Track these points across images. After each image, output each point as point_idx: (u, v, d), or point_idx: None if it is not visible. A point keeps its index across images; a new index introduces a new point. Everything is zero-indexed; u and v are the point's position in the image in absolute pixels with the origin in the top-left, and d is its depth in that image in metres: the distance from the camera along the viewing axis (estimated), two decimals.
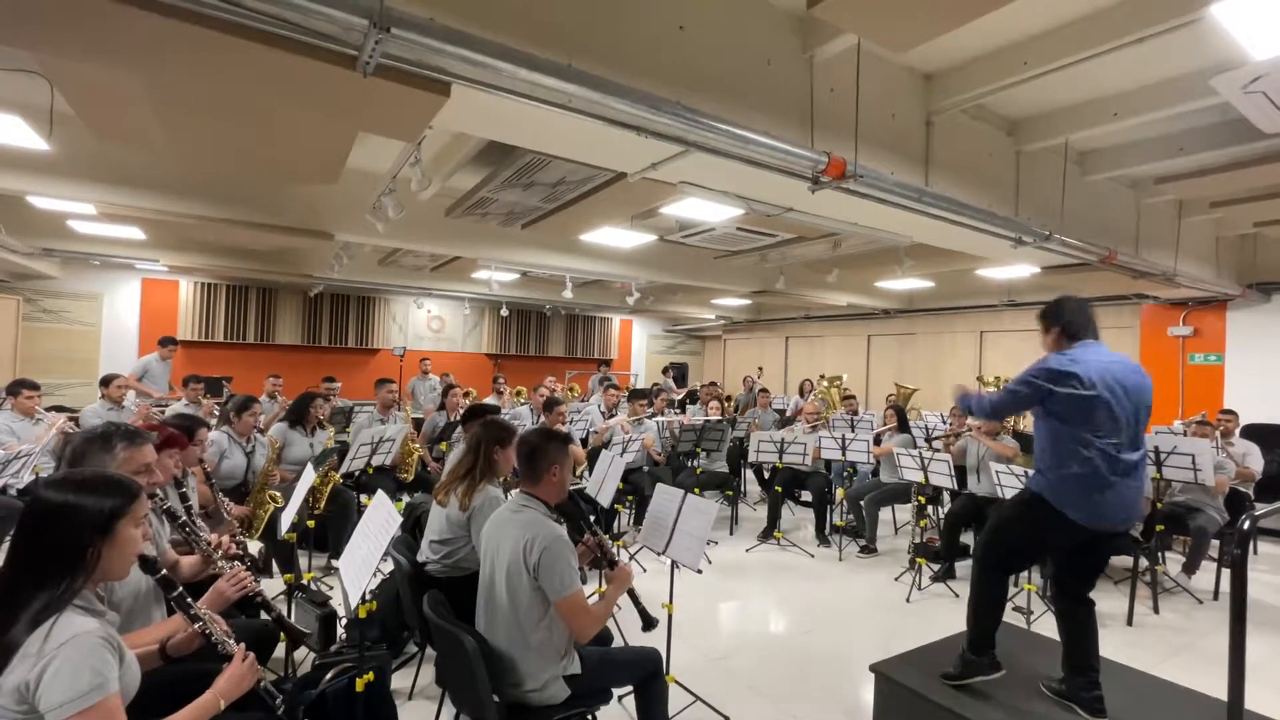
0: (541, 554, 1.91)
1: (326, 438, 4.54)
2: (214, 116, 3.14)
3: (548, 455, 2.12)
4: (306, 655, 3.08)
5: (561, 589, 1.91)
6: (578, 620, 1.95)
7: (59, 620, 1.19)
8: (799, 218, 4.19)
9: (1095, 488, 2.20)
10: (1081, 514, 2.22)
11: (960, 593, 4.32)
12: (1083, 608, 2.39)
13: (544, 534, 1.95)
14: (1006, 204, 4.17)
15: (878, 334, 11.05)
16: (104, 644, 1.22)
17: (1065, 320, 2.38)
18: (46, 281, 8.44)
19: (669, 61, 2.70)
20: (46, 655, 1.15)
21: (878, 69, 3.41)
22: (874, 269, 7.28)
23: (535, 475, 2.12)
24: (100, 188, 4.63)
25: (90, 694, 1.17)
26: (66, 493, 1.28)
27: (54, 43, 2.09)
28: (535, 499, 2.10)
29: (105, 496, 1.30)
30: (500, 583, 2.00)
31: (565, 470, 2.16)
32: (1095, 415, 2.19)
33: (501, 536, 2.05)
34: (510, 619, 1.96)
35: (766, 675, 3.20)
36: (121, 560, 1.34)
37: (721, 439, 5.91)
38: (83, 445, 1.86)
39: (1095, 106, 3.84)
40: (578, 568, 2.00)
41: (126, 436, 1.91)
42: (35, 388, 4.38)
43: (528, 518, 2.03)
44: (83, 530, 1.26)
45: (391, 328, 11.19)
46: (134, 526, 1.35)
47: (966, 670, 2.43)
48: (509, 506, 2.14)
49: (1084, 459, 2.20)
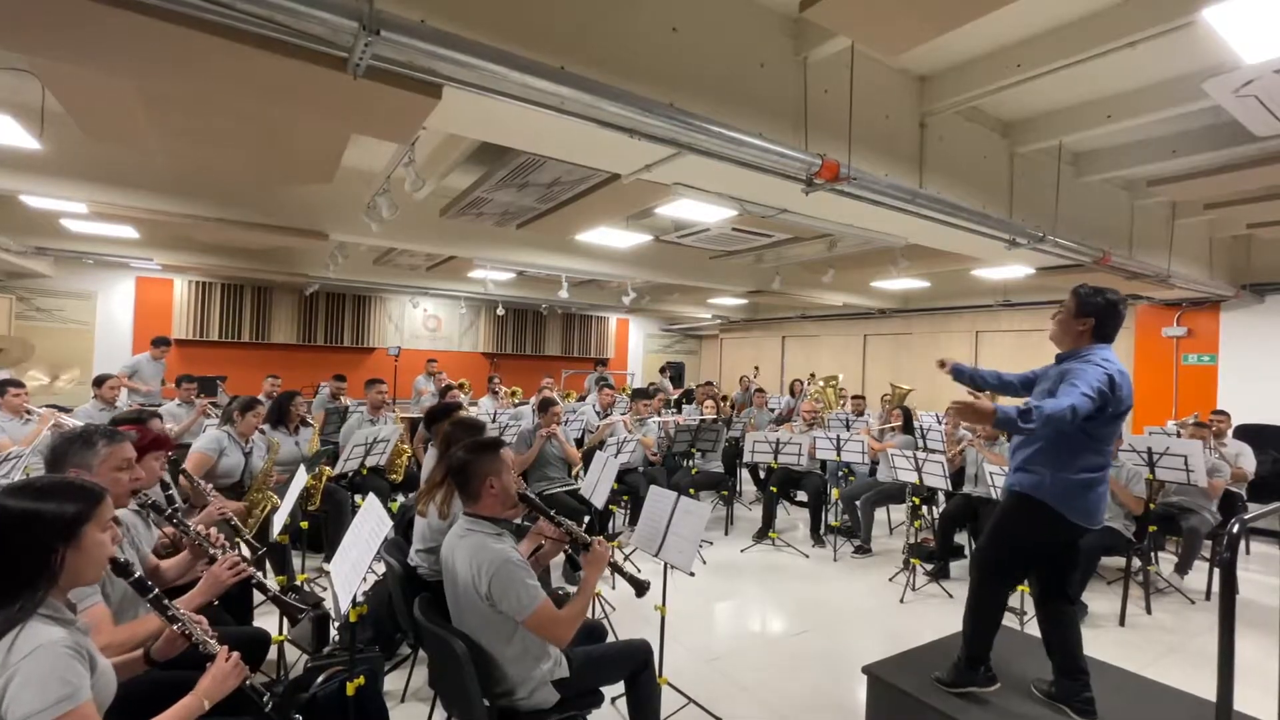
0: (491, 581, 1.86)
1: (311, 435, 4.52)
2: (206, 117, 3.13)
3: (478, 469, 2.03)
4: (299, 657, 3.09)
5: (523, 609, 1.86)
6: (551, 631, 1.92)
7: (24, 631, 1.16)
8: (794, 219, 4.19)
9: (1097, 489, 2.22)
10: (1083, 516, 2.22)
11: (954, 593, 4.33)
12: (1071, 607, 2.40)
13: (489, 560, 1.88)
14: (1001, 205, 4.18)
15: (874, 334, 11.07)
16: (71, 653, 1.20)
17: (1108, 319, 2.26)
18: (40, 280, 8.41)
19: (662, 64, 2.70)
20: (11, 667, 1.13)
21: (871, 71, 3.41)
22: (869, 269, 7.29)
23: (472, 493, 2.04)
24: (92, 186, 4.61)
25: (60, 704, 1.15)
26: (25, 500, 1.25)
27: (44, 46, 2.08)
28: (479, 519, 2.03)
29: (67, 502, 1.28)
30: (464, 605, 1.97)
31: (504, 478, 2.06)
32: (1119, 424, 2.21)
33: (455, 561, 1.99)
34: (484, 638, 1.93)
35: (760, 676, 3.21)
36: (90, 565, 1.31)
37: (717, 439, 5.92)
38: (63, 445, 1.86)
39: (1089, 109, 3.85)
40: (534, 581, 1.93)
41: (106, 435, 1.90)
42: (21, 386, 4.35)
43: (472, 544, 1.95)
44: (45, 538, 1.24)
45: (388, 327, 11.17)
46: (100, 531, 1.32)
47: (960, 679, 2.40)
48: (456, 530, 2.05)
49: (1097, 465, 2.21)
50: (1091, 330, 2.27)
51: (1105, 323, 2.26)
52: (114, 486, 1.86)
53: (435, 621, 1.96)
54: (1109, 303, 2.27)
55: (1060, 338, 2.36)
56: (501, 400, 8.01)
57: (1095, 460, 2.20)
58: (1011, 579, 2.48)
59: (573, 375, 11.71)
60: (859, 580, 4.73)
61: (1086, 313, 2.27)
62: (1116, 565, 4.46)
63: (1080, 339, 2.29)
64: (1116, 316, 2.28)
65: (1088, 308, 2.27)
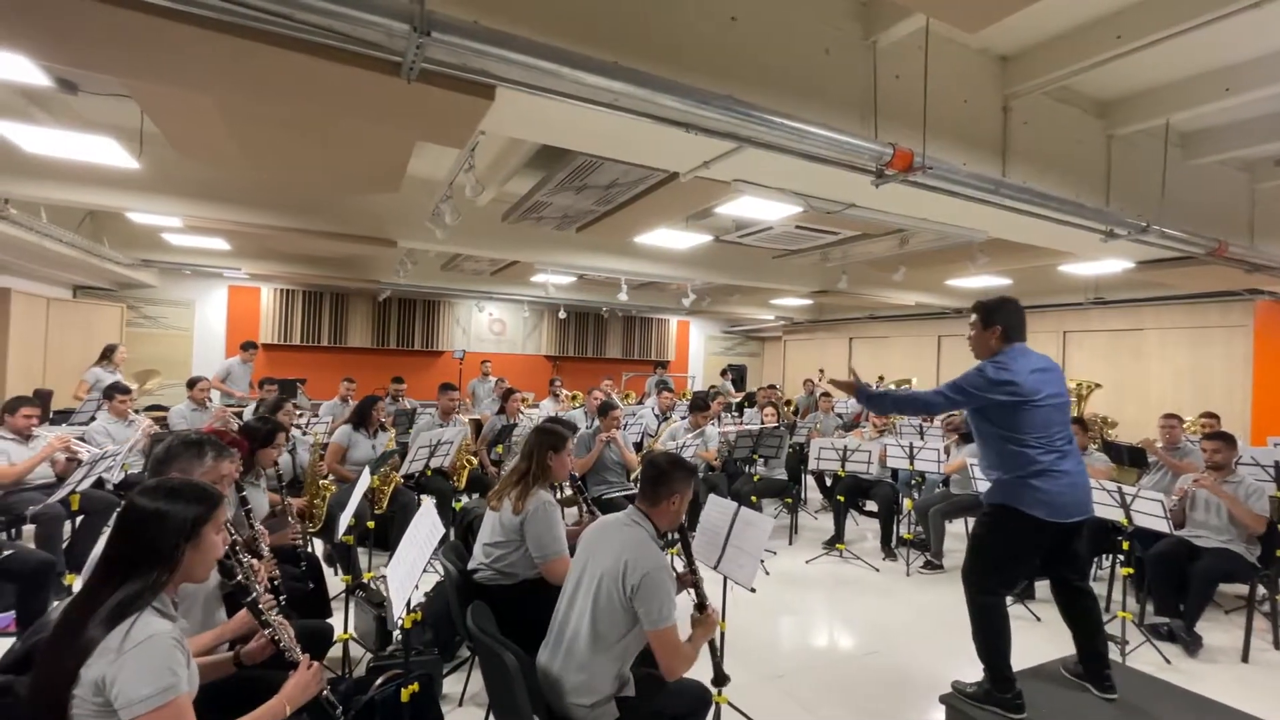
0: (642, 579, 1.87)
1: (388, 439, 4.65)
2: (279, 130, 3.27)
3: (671, 483, 2.09)
4: (364, 654, 3.16)
5: (659, 619, 1.86)
6: (669, 657, 1.90)
7: (139, 619, 1.25)
8: (862, 214, 3.97)
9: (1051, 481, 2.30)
10: (1045, 510, 2.30)
11: (1042, 615, 3.99)
12: (1085, 597, 2.51)
13: (646, 559, 1.91)
14: (1096, 193, 3.82)
15: (949, 335, 10.48)
16: (177, 645, 1.28)
17: (1011, 321, 2.44)
18: (146, 290, 9.14)
19: (720, 55, 2.59)
20: (126, 652, 1.20)
21: (948, 52, 3.18)
22: (944, 266, 6.87)
23: (655, 499, 2.10)
24: (185, 201, 4.95)
25: (165, 693, 1.22)
26: (159, 500, 1.37)
27: (129, 67, 2.20)
28: (648, 519, 2.08)
29: (192, 503, 1.39)
30: (589, 586, 1.96)
31: (684, 501, 2.13)
32: (1042, 414, 2.32)
33: (604, 544, 2.02)
34: (590, 626, 1.91)
35: (826, 698, 3.03)
36: (203, 563, 1.42)
37: (779, 445, 5.71)
38: (178, 447, 1.97)
39: (1203, 82, 3.45)
40: (675, 600, 1.93)
41: (217, 447, 2.03)
42: (127, 392, 4.69)
43: (635, 536, 1.99)
44: (172, 534, 1.35)
45: (455, 330, 11.50)
46: (216, 532, 1.43)
47: (985, 698, 2.42)
48: (620, 518, 2.12)
49: (1034, 458, 2.30)
50: (1001, 335, 2.44)
51: (1011, 325, 2.44)
52: None
53: (488, 631, 1.92)
54: (1002, 303, 2.49)
55: (981, 351, 2.52)
56: (562, 403, 8.07)
57: (1032, 454, 2.30)
58: (1003, 588, 2.53)
59: (633, 378, 11.69)
60: (934, 597, 4.43)
61: (993, 322, 2.45)
62: (1238, 593, 3.98)
63: (995, 347, 2.44)
64: (1018, 314, 2.47)
65: (993, 317, 2.46)
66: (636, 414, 6.49)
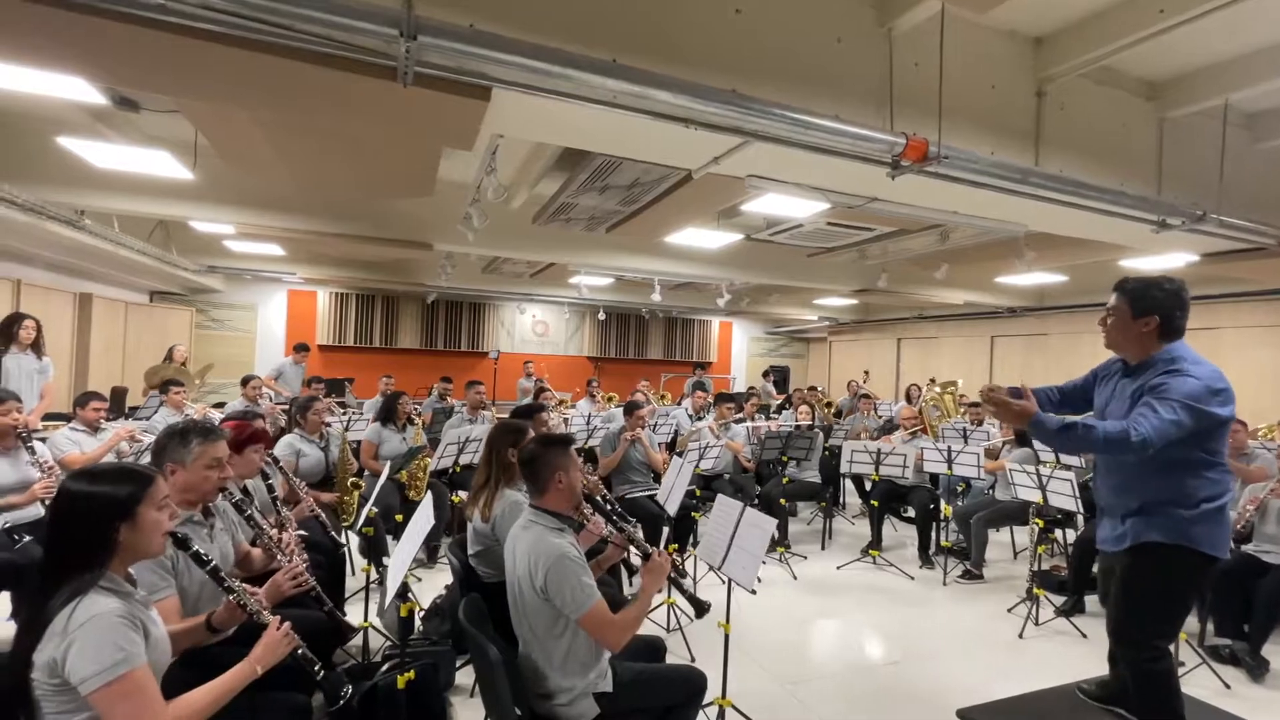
0: (546, 575, 1.85)
1: (415, 431, 4.79)
2: (310, 138, 3.42)
3: (548, 462, 2.05)
4: (384, 642, 3.26)
5: (577, 606, 1.84)
6: (603, 634, 1.87)
7: (82, 601, 1.29)
8: (893, 209, 3.83)
9: (1228, 513, 1.97)
10: (1224, 548, 1.94)
11: (1088, 632, 3.74)
12: None
13: (546, 554, 1.88)
14: (1146, 181, 3.56)
15: (1002, 335, 9.98)
16: (125, 621, 1.31)
17: (1174, 312, 1.94)
18: (212, 294, 9.75)
19: (725, 49, 2.56)
20: (69, 634, 1.26)
21: (973, 37, 3.04)
22: (991, 263, 6.54)
23: (540, 486, 2.06)
24: (236, 210, 5.25)
25: (116, 666, 1.26)
26: (82, 484, 1.41)
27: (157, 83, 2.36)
28: (543, 512, 2.03)
29: (119, 485, 1.41)
30: (516, 595, 1.98)
31: (573, 474, 2.07)
32: (1223, 438, 1.93)
33: (515, 553, 2.01)
34: (530, 631, 1.93)
35: (840, 709, 2.93)
36: (148, 541, 1.44)
37: (810, 447, 5.57)
38: (164, 439, 2.06)
39: (1268, 56, 3.17)
40: (590, 580, 1.90)
41: (202, 433, 2.07)
42: (180, 384, 5.01)
43: (532, 537, 1.96)
44: (102, 517, 1.37)
45: (500, 332, 11.76)
46: (156, 510, 1.45)
47: None
48: (519, 523, 2.07)
49: (1224, 485, 1.92)
50: (1157, 329, 1.95)
51: (1172, 317, 1.95)
52: (202, 483, 2.04)
53: (475, 623, 1.95)
54: (1170, 292, 1.96)
55: (1122, 345, 2.05)
56: (598, 403, 8.12)
57: (1226, 480, 1.94)
58: (1168, 641, 2.08)
59: (673, 379, 11.66)
60: (971, 608, 4.22)
61: (1146, 310, 1.96)
62: None
63: (1146, 342, 1.98)
64: (1183, 306, 1.97)
65: (1145, 303, 1.96)
66: (669, 414, 6.47)
